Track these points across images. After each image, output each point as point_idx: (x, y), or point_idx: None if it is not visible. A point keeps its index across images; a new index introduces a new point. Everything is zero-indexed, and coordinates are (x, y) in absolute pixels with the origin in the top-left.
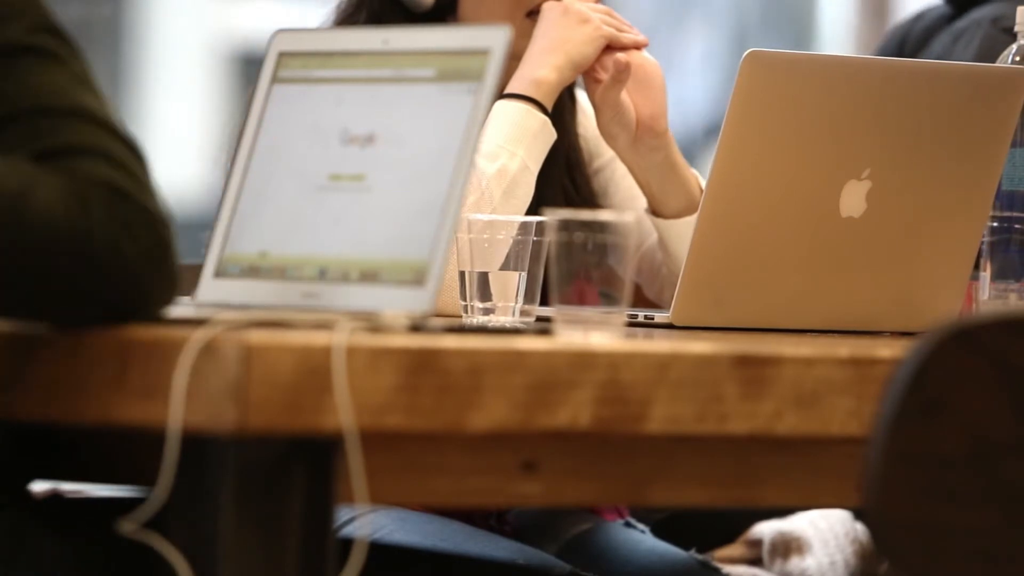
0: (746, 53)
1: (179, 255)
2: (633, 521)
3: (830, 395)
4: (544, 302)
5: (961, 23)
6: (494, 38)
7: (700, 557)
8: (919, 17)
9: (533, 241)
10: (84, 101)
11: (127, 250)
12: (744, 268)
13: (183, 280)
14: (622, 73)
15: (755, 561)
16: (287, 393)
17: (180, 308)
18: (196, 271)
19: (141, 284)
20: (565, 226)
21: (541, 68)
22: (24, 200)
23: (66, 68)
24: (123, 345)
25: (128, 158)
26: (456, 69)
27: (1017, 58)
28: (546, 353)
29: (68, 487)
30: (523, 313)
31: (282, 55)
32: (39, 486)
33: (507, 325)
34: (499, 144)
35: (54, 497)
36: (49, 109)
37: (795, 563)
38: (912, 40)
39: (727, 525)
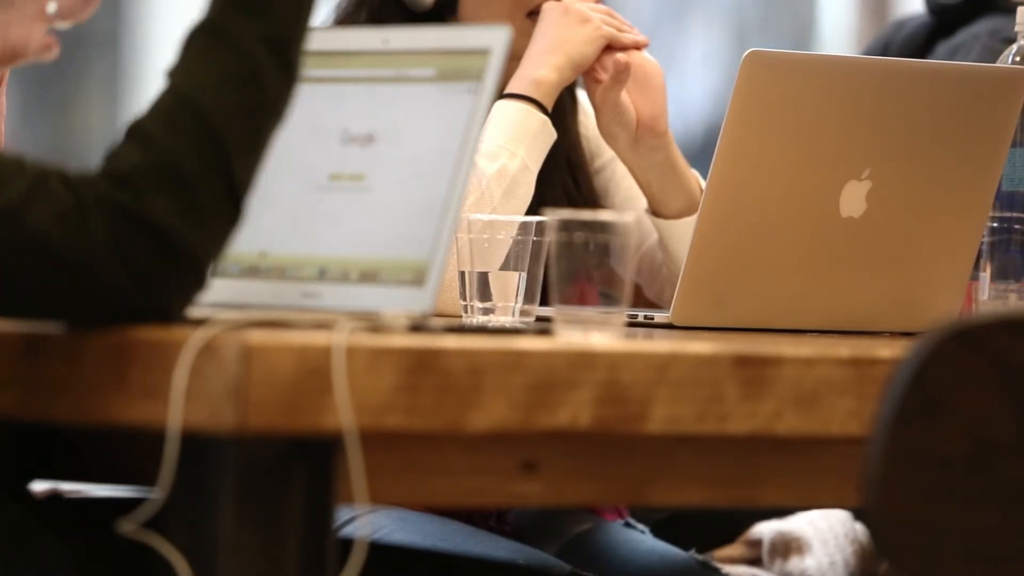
0: (746, 53)
1: (190, 284)
2: (633, 521)
3: (830, 395)
4: (544, 302)
5: (957, 38)
6: (494, 38)
7: (700, 557)
8: (900, 25)
9: (533, 241)
10: (204, 105)
11: (116, 275)
12: (744, 268)
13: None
14: (622, 73)
15: (755, 561)
16: (287, 393)
17: None
18: None
19: (126, 310)
20: (565, 226)
21: (541, 68)
22: (17, 217)
23: (217, 60)
24: (123, 345)
25: (193, 169)
26: (456, 69)
27: (1017, 58)
28: (546, 353)
29: (68, 487)
30: (523, 313)
31: None
32: (39, 486)
33: (507, 325)
34: (499, 144)
35: (54, 497)
36: (170, 94)
37: (795, 563)
38: (895, 48)
39: (727, 525)
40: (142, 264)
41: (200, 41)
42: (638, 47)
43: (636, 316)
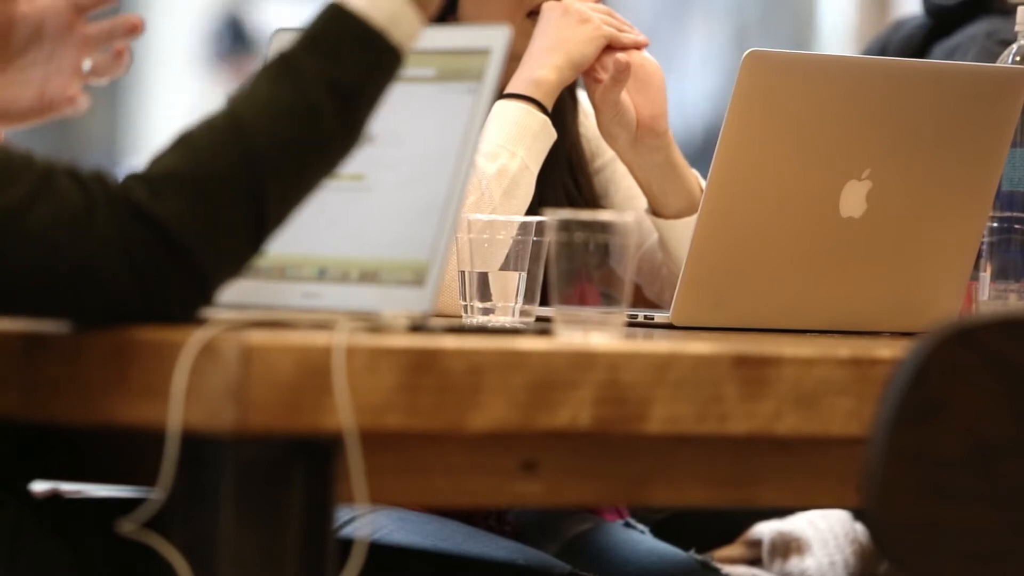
0: (746, 53)
1: (193, 295)
2: (633, 521)
3: (830, 395)
4: (544, 302)
5: (954, 40)
6: (494, 38)
7: (700, 557)
8: (898, 27)
9: (533, 241)
10: (252, 130)
11: (121, 277)
12: (744, 268)
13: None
14: (622, 73)
15: (755, 561)
16: (287, 393)
17: None
18: None
19: (132, 312)
20: (565, 226)
21: (541, 68)
22: (20, 215)
23: (273, 84)
24: (123, 345)
25: (222, 186)
26: (456, 69)
27: (1017, 58)
28: (546, 353)
29: (68, 487)
30: (523, 313)
31: None
32: (39, 486)
33: (507, 325)
34: (499, 144)
35: (54, 497)
36: (229, 112)
37: (795, 563)
38: (892, 50)
39: (727, 525)
40: (147, 266)
41: (267, 72)
42: (638, 47)
43: (636, 316)
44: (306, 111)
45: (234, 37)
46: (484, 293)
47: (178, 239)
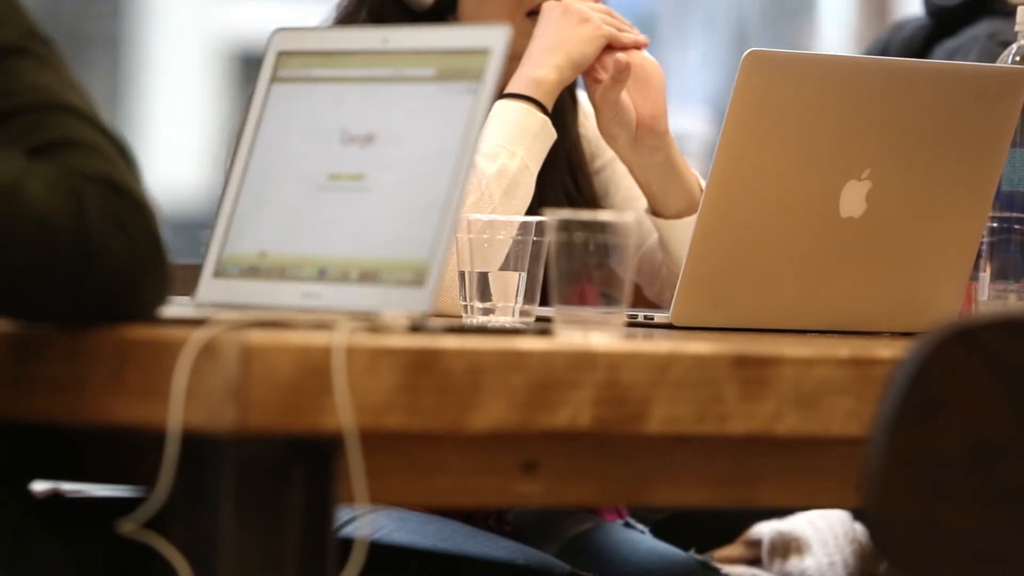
0: (746, 53)
1: (170, 253)
2: (633, 521)
3: (830, 395)
4: (544, 302)
5: (955, 41)
6: (494, 37)
7: (700, 557)
8: (899, 27)
9: (533, 241)
10: (74, 100)
11: (119, 246)
12: (744, 268)
13: (180, 279)
14: (622, 73)
15: (754, 561)
16: (287, 393)
17: (179, 308)
18: (196, 271)
19: (133, 281)
20: (565, 226)
21: (541, 67)
22: (16, 194)
23: (55, 71)
24: (123, 345)
25: (118, 154)
26: (456, 68)
27: (1017, 58)
28: (546, 353)
29: (68, 487)
30: (523, 313)
31: (281, 54)
32: (39, 486)
33: (507, 325)
34: (499, 144)
35: (54, 497)
36: (42, 106)
37: (794, 563)
38: (893, 50)
39: (727, 525)
40: (142, 238)
41: None
42: (638, 47)
43: (636, 316)
44: (30, 41)
45: None
46: (484, 293)
47: (153, 210)
